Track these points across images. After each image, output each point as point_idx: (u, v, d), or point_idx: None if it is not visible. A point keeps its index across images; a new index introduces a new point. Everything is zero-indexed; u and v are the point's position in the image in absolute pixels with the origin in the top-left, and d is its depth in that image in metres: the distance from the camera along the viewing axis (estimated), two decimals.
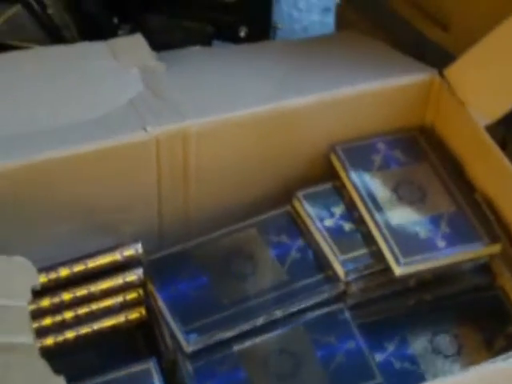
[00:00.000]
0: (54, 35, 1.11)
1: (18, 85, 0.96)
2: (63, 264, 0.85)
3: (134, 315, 0.89)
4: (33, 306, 0.84)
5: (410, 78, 0.95)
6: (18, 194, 0.87)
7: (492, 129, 0.92)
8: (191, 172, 0.93)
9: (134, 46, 1.01)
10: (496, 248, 0.87)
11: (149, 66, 0.98)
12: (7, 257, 0.79)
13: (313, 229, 0.90)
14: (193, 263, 0.89)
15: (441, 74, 0.94)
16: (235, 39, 1.15)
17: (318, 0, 1.57)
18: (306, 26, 1.62)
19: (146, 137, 0.88)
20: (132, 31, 1.10)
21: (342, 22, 1.22)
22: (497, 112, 0.89)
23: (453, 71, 0.92)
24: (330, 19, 1.37)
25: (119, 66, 0.98)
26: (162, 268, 0.89)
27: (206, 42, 1.14)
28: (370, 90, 0.95)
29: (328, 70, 0.99)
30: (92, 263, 0.86)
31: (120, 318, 0.89)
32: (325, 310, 0.87)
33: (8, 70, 0.98)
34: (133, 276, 0.88)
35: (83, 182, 0.88)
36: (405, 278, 0.87)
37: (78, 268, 0.86)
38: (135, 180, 0.91)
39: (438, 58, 1.01)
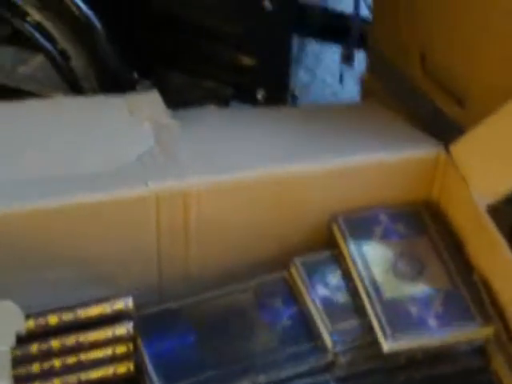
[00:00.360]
0: (74, 86, 1.13)
1: (32, 133, 0.98)
2: (53, 311, 0.85)
3: (122, 369, 0.89)
4: (20, 352, 0.85)
5: (416, 152, 0.95)
6: (19, 238, 0.88)
7: (501, 210, 0.91)
8: (192, 231, 0.93)
9: (149, 102, 1.03)
10: (488, 331, 0.86)
11: (162, 122, 0.99)
12: None
13: (306, 296, 0.90)
14: (183, 321, 0.89)
15: (447, 149, 0.94)
16: (253, 101, 1.16)
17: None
18: (336, 91, 1.63)
19: (146, 192, 0.89)
20: (152, 86, 1.12)
21: (366, 90, 1.23)
22: (499, 192, 0.88)
23: (458, 148, 0.92)
24: None
25: (133, 121, 1.00)
26: (151, 324, 0.88)
27: (224, 102, 1.16)
28: (377, 161, 0.95)
29: (338, 139, 1.00)
30: (81, 313, 0.86)
31: (108, 371, 0.89)
32: (311, 379, 0.86)
33: (25, 117, 1.00)
34: (122, 330, 0.87)
35: (82, 233, 0.89)
36: (394, 355, 0.86)
37: (67, 317, 0.86)
38: (134, 235, 0.91)
39: (454, 133, 1.01)
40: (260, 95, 1.16)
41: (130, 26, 1.13)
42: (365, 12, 1.21)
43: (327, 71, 1.69)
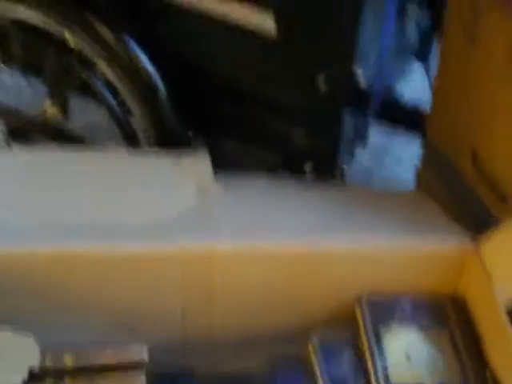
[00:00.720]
0: (131, 139, 1.17)
1: (80, 179, 1.02)
2: (69, 352, 0.88)
3: None
4: None
5: (446, 244, 0.96)
6: (46, 280, 0.91)
7: None
8: (217, 292, 0.95)
9: (198, 163, 1.06)
10: None
11: (206, 185, 1.03)
12: (16, 332, 0.83)
13: (318, 373, 0.90)
14: (194, 382, 0.91)
15: (476, 244, 0.94)
16: (300, 174, 1.18)
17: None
18: (401, 181, 1.64)
19: (174, 250, 0.92)
20: (205, 148, 1.15)
21: (420, 179, 1.24)
22: None
23: (486, 243, 0.93)
24: None
25: (179, 180, 1.03)
26: (163, 380, 0.90)
27: (273, 171, 1.18)
28: (406, 248, 0.96)
29: (375, 222, 1.01)
30: (96, 357, 0.88)
31: None
32: None
33: (78, 164, 1.05)
34: (134, 379, 0.89)
35: (108, 281, 0.92)
36: None
37: (83, 359, 0.88)
38: (159, 291, 0.94)
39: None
40: (308, 169, 1.18)
41: (190, 89, 1.17)
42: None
43: (396, 160, 1.71)
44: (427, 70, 1.32)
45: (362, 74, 1.11)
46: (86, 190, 1.00)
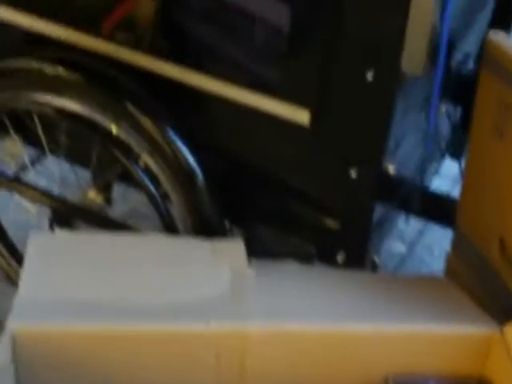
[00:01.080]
0: (169, 226, 1.22)
1: (121, 262, 1.07)
2: None
3: None
4: None
5: (470, 329, 0.99)
6: (86, 358, 0.95)
7: None
8: (248, 373, 0.98)
9: (232, 249, 1.11)
10: None
11: (240, 270, 1.07)
12: None
13: None
14: None
15: (502, 330, 0.96)
16: (332, 263, 1.21)
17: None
18: (432, 270, 1.67)
19: (207, 331, 0.95)
20: (241, 235, 1.19)
21: (450, 266, 1.27)
22: None
23: (511, 329, 0.94)
24: None
25: (214, 265, 1.08)
26: None
27: (306, 259, 1.21)
28: (432, 332, 0.99)
29: (402, 307, 1.04)
30: None
31: None
32: None
33: (119, 249, 1.11)
34: None
35: (142, 360, 0.95)
36: None
37: None
38: (193, 370, 0.97)
39: None
40: (340, 258, 1.21)
41: (226, 180, 1.22)
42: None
43: (427, 249, 1.74)
44: (458, 163, 1.36)
45: (392, 166, 1.14)
46: (124, 273, 1.05)
